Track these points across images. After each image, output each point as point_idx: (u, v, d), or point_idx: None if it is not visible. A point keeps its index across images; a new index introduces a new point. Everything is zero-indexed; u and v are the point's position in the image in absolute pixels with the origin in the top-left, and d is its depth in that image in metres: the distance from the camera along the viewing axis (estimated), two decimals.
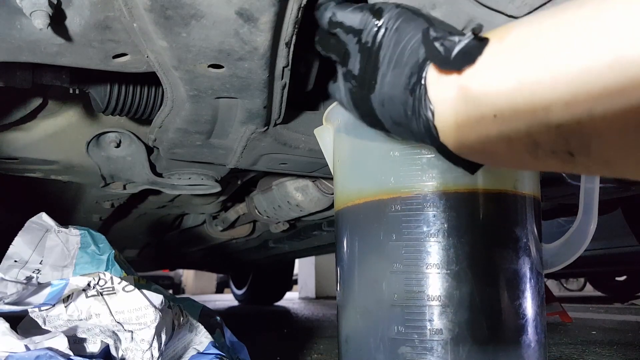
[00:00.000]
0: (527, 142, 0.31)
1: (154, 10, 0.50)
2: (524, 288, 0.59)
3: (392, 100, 0.41)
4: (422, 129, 0.39)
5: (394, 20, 0.41)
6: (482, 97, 0.33)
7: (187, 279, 8.45)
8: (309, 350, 1.39)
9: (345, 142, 0.68)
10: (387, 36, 0.41)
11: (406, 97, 0.39)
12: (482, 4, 0.52)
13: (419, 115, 0.38)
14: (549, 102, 0.29)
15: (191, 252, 2.14)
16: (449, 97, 0.36)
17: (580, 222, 0.65)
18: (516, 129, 0.31)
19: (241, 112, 0.74)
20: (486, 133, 0.34)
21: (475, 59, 0.33)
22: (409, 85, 0.39)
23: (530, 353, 0.58)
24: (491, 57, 0.33)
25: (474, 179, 0.59)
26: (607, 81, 0.26)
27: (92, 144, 0.91)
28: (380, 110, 0.43)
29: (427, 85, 0.37)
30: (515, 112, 0.31)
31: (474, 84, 0.33)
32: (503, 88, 0.31)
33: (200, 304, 0.83)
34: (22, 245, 0.67)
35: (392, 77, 0.41)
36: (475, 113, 0.34)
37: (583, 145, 0.29)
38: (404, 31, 0.40)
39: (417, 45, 0.39)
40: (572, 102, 0.28)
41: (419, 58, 0.38)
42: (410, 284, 0.57)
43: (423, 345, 0.55)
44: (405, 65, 0.39)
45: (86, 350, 0.52)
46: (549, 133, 0.30)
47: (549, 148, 0.30)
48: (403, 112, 0.40)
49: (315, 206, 1.27)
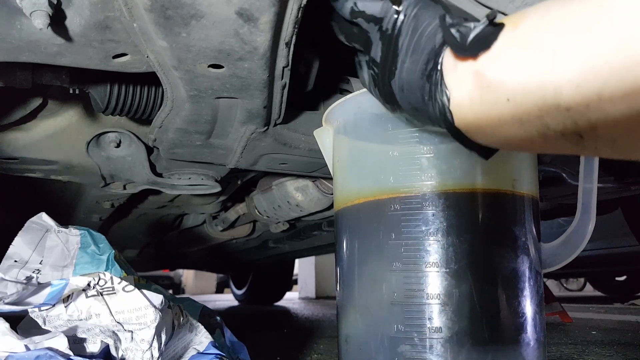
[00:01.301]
0: (538, 125, 0.32)
1: (154, 10, 0.50)
2: (523, 287, 0.59)
3: (410, 86, 0.42)
4: (438, 113, 0.40)
5: (412, 7, 0.42)
6: (496, 82, 0.34)
7: (187, 279, 8.45)
8: (309, 350, 1.39)
9: (344, 142, 0.68)
10: (405, 23, 0.42)
11: (423, 82, 0.41)
12: (482, 4, 0.52)
13: (435, 100, 0.40)
14: (559, 86, 0.30)
15: (191, 252, 2.14)
16: (465, 82, 0.37)
17: (579, 222, 0.65)
18: (528, 112, 0.33)
19: (241, 112, 0.74)
20: (499, 116, 0.35)
21: (491, 44, 0.34)
22: (426, 71, 0.40)
23: (529, 351, 0.58)
24: (505, 43, 0.34)
25: (472, 179, 0.59)
26: (615, 64, 0.27)
27: (92, 144, 0.91)
28: (400, 95, 0.45)
29: (443, 70, 0.38)
30: (527, 96, 0.32)
31: (489, 68, 0.35)
32: (516, 73, 0.33)
33: (200, 304, 0.83)
34: (22, 245, 0.67)
35: (410, 63, 0.42)
36: (489, 97, 0.35)
37: (591, 127, 0.30)
38: (421, 18, 0.41)
39: (434, 32, 0.40)
40: (582, 85, 0.29)
41: (435, 44, 0.39)
42: (410, 283, 0.57)
43: (423, 344, 0.55)
44: (422, 52, 0.40)
45: (86, 350, 0.53)
46: (559, 115, 0.31)
47: (559, 130, 0.32)
48: (420, 97, 0.42)
49: (315, 206, 1.27)
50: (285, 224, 1.53)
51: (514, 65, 0.33)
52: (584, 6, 0.29)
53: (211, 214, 1.60)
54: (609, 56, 0.27)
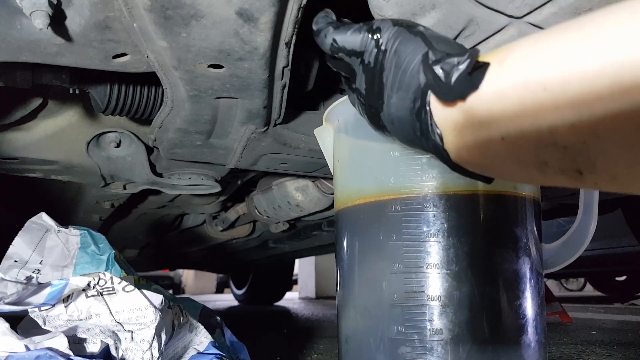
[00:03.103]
0: (536, 162, 0.32)
1: (154, 10, 0.50)
2: (524, 288, 0.59)
3: (400, 121, 0.42)
4: (433, 149, 0.40)
5: (392, 41, 0.41)
6: (488, 122, 0.33)
7: (187, 279, 8.45)
8: (309, 350, 1.39)
9: (345, 142, 0.67)
10: (387, 58, 0.41)
11: (413, 120, 0.40)
12: (482, 4, 0.52)
13: (427, 137, 0.39)
14: (554, 125, 0.29)
15: (191, 252, 2.14)
16: (456, 122, 0.36)
17: (580, 222, 0.65)
18: (524, 150, 0.32)
19: (241, 112, 0.74)
20: (495, 154, 0.34)
21: (478, 85, 0.33)
22: (414, 109, 0.39)
23: (530, 353, 0.58)
24: (493, 82, 0.33)
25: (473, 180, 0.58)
26: (609, 102, 0.26)
27: (92, 144, 0.91)
28: (391, 127, 0.44)
29: (432, 110, 0.37)
30: (522, 135, 0.31)
31: (479, 109, 0.33)
32: (508, 112, 0.31)
33: (200, 304, 0.83)
34: (22, 245, 0.67)
35: (397, 99, 0.41)
36: (483, 136, 0.34)
37: (590, 164, 0.29)
38: (403, 53, 0.40)
39: (417, 70, 0.38)
40: (577, 124, 0.28)
41: (421, 83, 0.38)
42: (410, 284, 0.57)
43: (423, 345, 0.55)
44: (408, 89, 0.39)
45: (86, 350, 0.52)
46: (557, 153, 0.30)
47: (558, 167, 0.31)
48: (412, 132, 0.41)
49: (315, 206, 1.27)
50: (285, 224, 1.52)
51: (505, 105, 0.31)
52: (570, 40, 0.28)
53: (211, 214, 1.60)
54: (602, 94, 0.26)
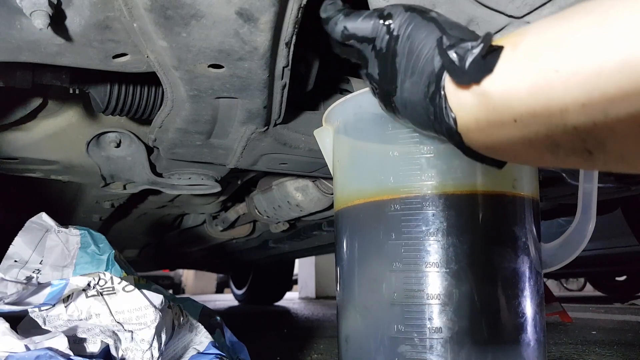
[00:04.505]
0: (548, 143, 0.33)
1: (154, 10, 0.50)
2: (523, 287, 0.59)
3: (413, 105, 0.42)
4: (446, 133, 0.40)
5: (405, 26, 0.42)
6: (501, 104, 0.34)
7: (187, 279, 8.45)
8: (309, 350, 1.39)
9: (344, 142, 0.68)
10: (400, 44, 0.42)
11: (427, 104, 0.40)
12: (482, 4, 0.52)
13: (441, 121, 0.39)
14: (564, 106, 0.30)
15: (191, 252, 2.14)
16: (470, 105, 0.37)
17: (579, 222, 0.65)
18: (536, 131, 0.33)
19: (241, 112, 0.74)
20: (508, 136, 0.35)
21: (493, 68, 0.34)
22: (428, 93, 0.39)
23: (529, 351, 0.58)
24: (507, 65, 0.34)
25: (472, 179, 0.59)
26: (619, 82, 0.27)
27: (92, 144, 0.91)
28: (404, 111, 0.44)
29: (446, 94, 0.38)
30: (534, 117, 0.32)
31: (493, 92, 0.34)
32: (521, 94, 0.32)
33: (200, 304, 0.83)
34: (22, 245, 0.67)
35: (410, 84, 0.41)
36: (496, 119, 0.35)
37: (600, 144, 0.30)
38: (416, 39, 0.40)
39: (432, 55, 0.39)
40: (587, 104, 0.29)
41: (435, 68, 0.39)
42: (410, 283, 0.57)
43: (423, 344, 0.55)
44: (422, 74, 0.40)
45: (86, 350, 0.53)
46: (567, 134, 0.31)
47: (568, 147, 0.32)
48: (426, 117, 0.41)
49: (315, 206, 1.27)
50: (285, 224, 1.53)
51: (519, 87, 0.33)
52: (583, 23, 0.29)
53: (211, 214, 1.60)
54: (613, 73, 0.27)
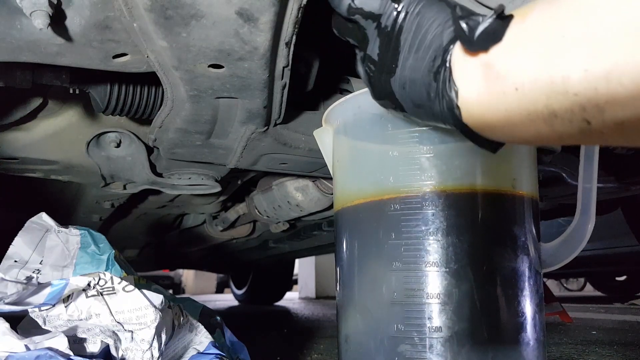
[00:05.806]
0: (546, 113, 0.34)
1: (154, 10, 0.50)
2: (523, 286, 0.59)
3: (414, 83, 0.43)
4: (445, 110, 0.41)
5: (415, 4, 0.42)
6: (505, 73, 0.35)
7: (187, 279, 8.45)
8: (309, 350, 1.39)
9: (344, 143, 0.68)
10: (408, 20, 0.42)
11: (429, 79, 0.41)
12: (482, 4, 0.52)
13: (442, 97, 0.40)
14: (567, 71, 0.31)
15: (191, 252, 2.14)
16: (474, 75, 0.37)
17: (578, 222, 0.65)
18: (535, 100, 0.34)
19: (241, 112, 0.74)
20: (506, 107, 0.36)
21: (502, 37, 0.35)
22: (433, 67, 0.40)
23: (529, 351, 0.58)
24: (515, 35, 0.35)
25: (472, 179, 0.59)
26: (624, 45, 0.28)
27: (92, 144, 0.91)
28: (401, 92, 0.45)
29: (452, 66, 0.39)
30: (535, 84, 0.33)
31: (499, 60, 0.36)
32: (526, 62, 0.34)
33: (200, 304, 0.83)
34: (22, 245, 0.67)
35: (414, 60, 0.42)
36: (498, 88, 0.36)
37: (599, 111, 0.31)
38: (427, 15, 0.41)
39: (441, 30, 0.40)
40: (590, 68, 0.30)
41: (443, 42, 0.40)
42: (410, 282, 0.57)
43: (423, 343, 0.55)
44: (429, 49, 0.41)
45: (86, 350, 0.53)
46: (567, 101, 0.32)
47: (566, 117, 0.33)
48: (425, 95, 0.42)
49: (315, 206, 1.27)
50: (285, 224, 1.52)
51: (524, 55, 0.34)
52: None
53: (211, 214, 1.60)
54: (618, 37, 0.28)
